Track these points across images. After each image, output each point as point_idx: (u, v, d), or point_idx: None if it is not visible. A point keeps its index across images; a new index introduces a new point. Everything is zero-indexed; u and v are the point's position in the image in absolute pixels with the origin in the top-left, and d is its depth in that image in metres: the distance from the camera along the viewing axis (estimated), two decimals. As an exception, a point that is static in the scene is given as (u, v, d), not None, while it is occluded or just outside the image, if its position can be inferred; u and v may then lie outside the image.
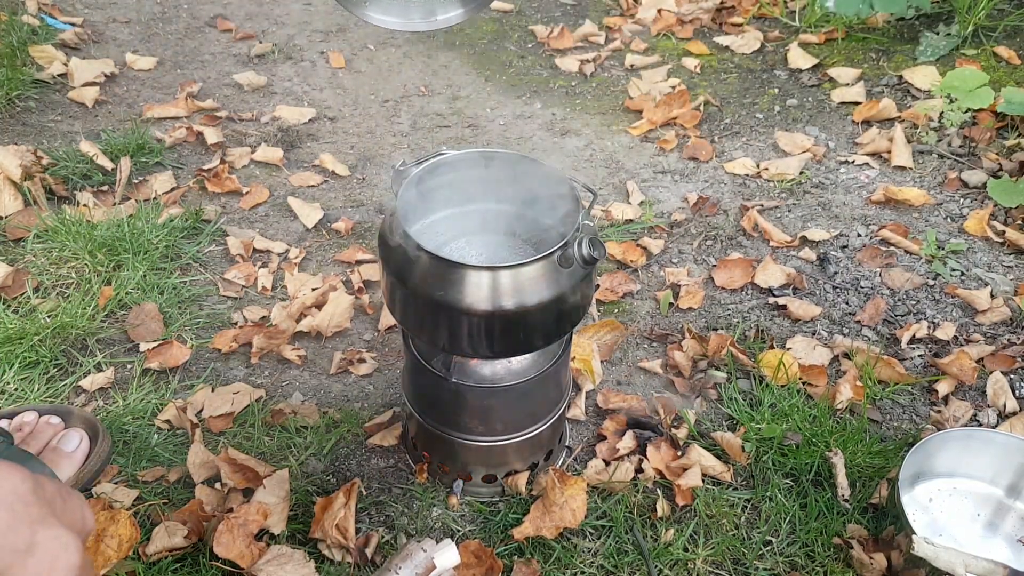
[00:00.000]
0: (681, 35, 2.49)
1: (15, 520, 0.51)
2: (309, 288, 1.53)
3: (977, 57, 2.20)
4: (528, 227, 1.05)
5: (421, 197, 1.00)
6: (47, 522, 0.52)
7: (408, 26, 0.84)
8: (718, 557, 1.12)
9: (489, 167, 1.00)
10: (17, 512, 0.51)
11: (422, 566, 1.02)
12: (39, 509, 0.52)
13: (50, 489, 0.55)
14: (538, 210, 1.02)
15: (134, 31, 2.43)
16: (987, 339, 1.48)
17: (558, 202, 0.98)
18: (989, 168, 1.87)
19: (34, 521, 0.51)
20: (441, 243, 1.05)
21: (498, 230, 1.06)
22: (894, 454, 1.24)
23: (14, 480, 0.52)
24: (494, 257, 1.03)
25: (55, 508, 0.54)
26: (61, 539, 0.52)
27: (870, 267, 1.64)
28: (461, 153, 0.99)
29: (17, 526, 0.50)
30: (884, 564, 1.09)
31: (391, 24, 0.83)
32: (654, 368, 1.41)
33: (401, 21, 0.83)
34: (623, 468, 1.21)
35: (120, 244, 1.56)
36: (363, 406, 1.34)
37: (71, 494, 0.57)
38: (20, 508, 0.51)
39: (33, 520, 0.51)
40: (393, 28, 0.85)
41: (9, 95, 2.02)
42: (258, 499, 1.12)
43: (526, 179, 0.99)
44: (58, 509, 0.54)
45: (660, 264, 1.65)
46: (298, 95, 2.19)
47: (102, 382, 1.33)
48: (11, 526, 0.50)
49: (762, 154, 1.99)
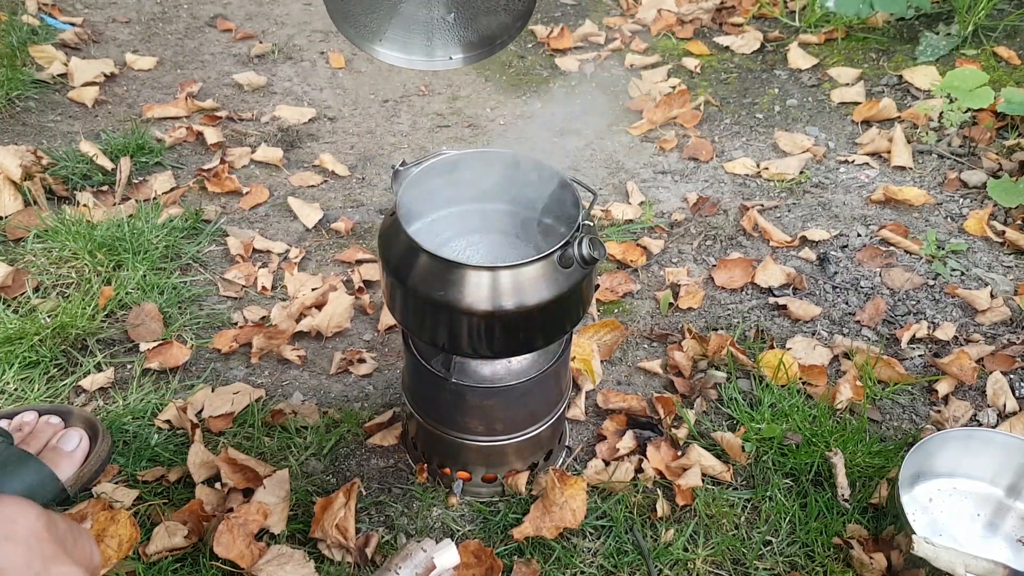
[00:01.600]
0: (681, 35, 2.49)
1: (31, 556, 0.52)
2: (309, 288, 1.53)
3: (977, 57, 2.20)
4: (528, 226, 1.05)
5: (421, 197, 1.00)
6: (59, 559, 0.54)
7: (413, 64, 0.86)
8: (718, 557, 1.12)
9: (489, 166, 1.00)
10: (33, 548, 0.53)
11: (422, 566, 1.02)
12: (53, 546, 0.54)
13: (62, 527, 0.56)
14: (538, 210, 1.02)
15: (134, 31, 2.43)
16: (987, 339, 1.48)
17: (558, 202, 0.98)
18: (989, 168, 1.87)
19: (47, 558, 0.53)
20: (441, 242, 1.05)
21: (498, 229, 1.06)
22: (894, 454, 1.24)
23: (30, 517, 0.54)
24: (494, 256, 1.03)
25: (66, 545, 0.55)
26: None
27: (870, 267, 1.64)
28: (461, 152, 0.99)
29: (32, 562, 0.52)
30: (884, 564, 1.09)
31: (396, 61, 0.86)
32: (654, 368, 1.41)
33: (406, 59, 0.86)
34: (623, 468, 1.21)
35: (120, 244, 1.56)
36: (363, 406, 1.34)
37: (81, 532, 0.58)
38: (35, 544, 0.53)
39: (47, 557, 0.53)
40: (398, 65, 0.87)
41: (9, 95, 2.02)
42: (258, 499, 1.12)
43: (526, 179, 0.99)
44: (69, 546, 0.55)
45: (660, 264, 1.65)
46: (298, 95, 2.19)
47: (102, 382, 1.33)
48: (28, 562, 0.52)
49: (762, 154, 1.99)
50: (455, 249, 1.02)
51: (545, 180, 0.98)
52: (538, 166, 0.98)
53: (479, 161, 0.99)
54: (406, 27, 0.85)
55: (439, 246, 1.02)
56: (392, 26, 0.84)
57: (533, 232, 1.03)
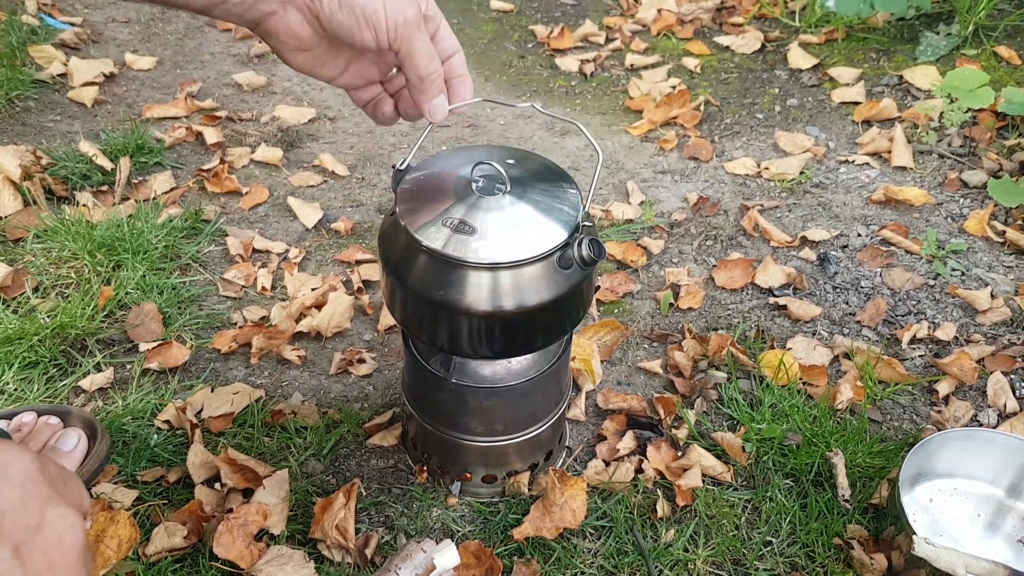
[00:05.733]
0: (681, 35, 2.49)
1: (28, 498, 0.53)
2: (309, 288, 1.53)
3: (977, 57, 2.20)
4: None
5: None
6: (54, 501, 0.54)
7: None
8: (718, 557, 1.12)
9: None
10: (28, 491, 0.53)
11: (422, 567, 1.02)
12: (47, 488, 0.54)
13: (53, 470, 0.56)
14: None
15: (134, 31, 2.43)
16: (987, 339, 1.47)
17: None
18: (989, 168, 1.87)
19: (43, 500, 0.53)
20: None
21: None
22: (894, 454, 1.24)
23: (24, 461, 0.54)
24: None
25: (59, 488, 0.55)
26: (67, 518, 0.54)
27: (870, 267, 1.63)
28: (461, 149, 0.99)
29: (29, 504, 0.53)
30: (884, 565, 1.09)
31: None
32: (654, 368, 1.41)
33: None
34: (623, 468, 1.21)
35: (120, 244, 1.56)
36: (363, 406, 1.33)
37: (70, 475, 0.59)
38: (31, 487, 0.53)
39: (42, 499, 0.53)
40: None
41: (9, 95, 2.02)
42: (258, 499, 1.12)
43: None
44: (61, 488, 0.56)
45: (660, 264, 1.65)
46: (298, 95, 2.19)
47: (101, 382, 1.33)
48: (24, 504, 0.52)
49: (762, 154, 1.99)
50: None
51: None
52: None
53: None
54: None
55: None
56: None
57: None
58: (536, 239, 0.87)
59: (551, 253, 0.88)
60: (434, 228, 0.87)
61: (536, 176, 0.93)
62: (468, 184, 0.90)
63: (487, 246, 0.86)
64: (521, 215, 0.88)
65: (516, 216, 0.88)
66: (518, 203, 0.89)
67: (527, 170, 0.93)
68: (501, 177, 0.88)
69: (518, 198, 0.89)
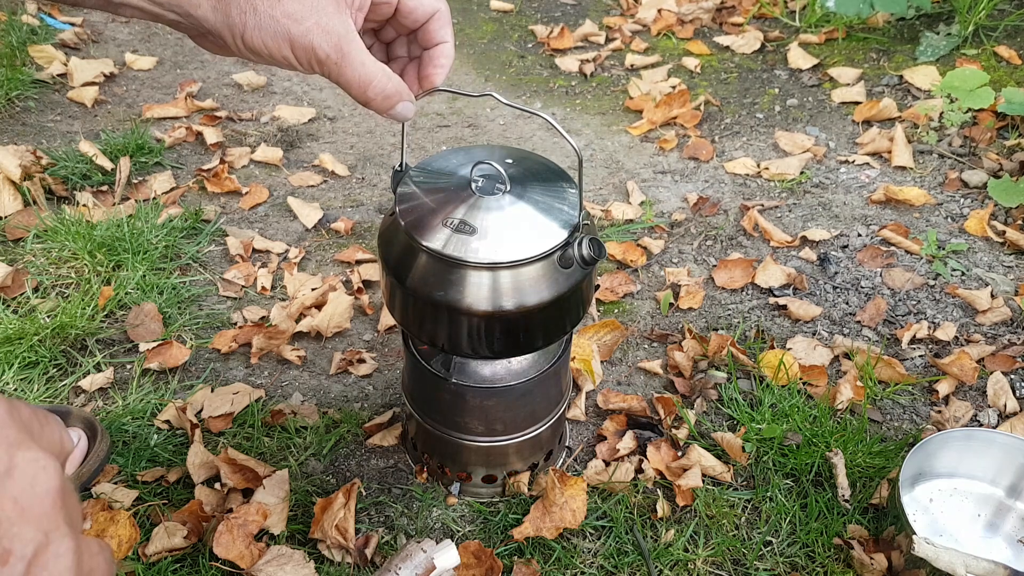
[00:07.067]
0: (681, 35, 2.49)
1: None
2: (309, 288, 1.53)
3: (977, 57, 2.20)
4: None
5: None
6: (25, 444, 0.50)
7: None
8: (718, 557, 1.12)
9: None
10: None
11: (422, 567, 1.02)
12: (16, 432, 0.50)
13: (26, 412, 0.53)
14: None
15: (134, 31, 2.43)
16: (987, 339, 1.47)
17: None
18: (989, 168, 1.86)
19: (11, 444, 0.49)
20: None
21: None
22: (894, 454, 1.24)
23: None
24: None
25: (32, 431, 0.52)
26: (40, 461, 0.50)
27: (870, 267, 1.63)
28: (460, 149, 0.99)
29: None
30: (884, 565, 1.08)
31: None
32: (654, 368, 1.40)
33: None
34: (623, 468, 1.21)
35: (120, 244, 1.56)
36: (363, 406, 1.33)
37: (48, 417, 0.55)
38: None
39: (10, 443, 0.49)
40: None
41: (9, 95, 2.02)
42: (258, 499, 1.12)
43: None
44: (35, 432, 0.52)
45: (660, 264, 1.65)
46: (298, 95, 2.19)
47: (101, 382, 1.33)
48: None
49: (762, 154, 1.99)
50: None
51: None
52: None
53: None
54: None
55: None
56: None
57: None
58: (536, 239, 0.87)
59: (551, 253, 0.88)
60: (434, 228, 0.87)
61: (536, 176, 0.93)
62: (468, 184, 0.90)
63: (487, 246, 0.86)
64: (521, 215, 0.88)
65: (516, 216, 0.88)
66: (518, 203, 0.89)
67: (527, 170, 0.93)
68: (501, 177, 0.88)
69: (518, 198, 0.89)
